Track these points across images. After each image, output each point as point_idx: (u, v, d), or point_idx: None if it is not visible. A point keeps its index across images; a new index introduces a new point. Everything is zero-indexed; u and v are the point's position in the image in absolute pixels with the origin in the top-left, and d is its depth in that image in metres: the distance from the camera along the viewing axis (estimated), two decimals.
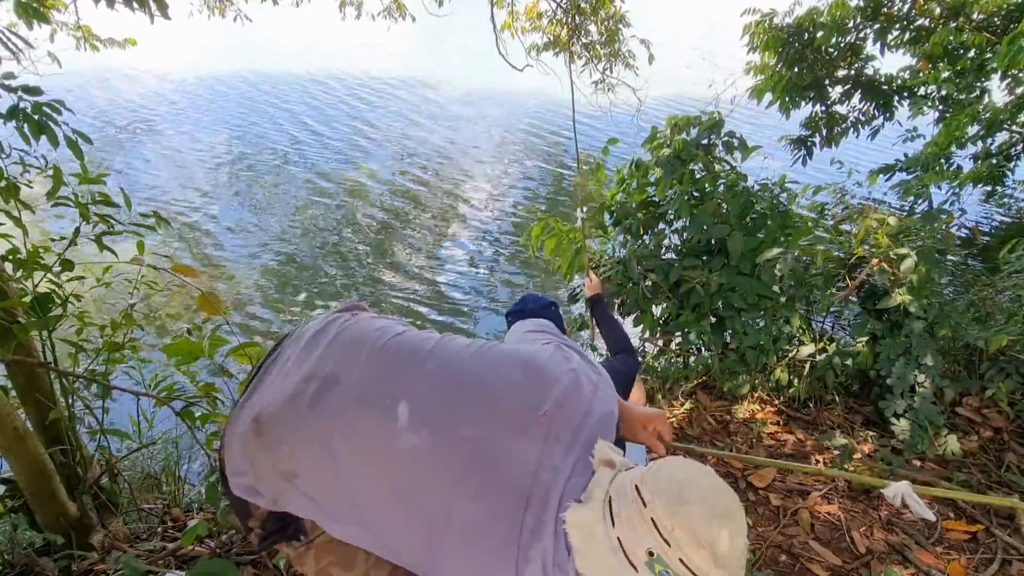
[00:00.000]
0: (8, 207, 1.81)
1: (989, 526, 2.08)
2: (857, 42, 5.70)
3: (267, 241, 6.61)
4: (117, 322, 1.95)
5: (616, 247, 3.08)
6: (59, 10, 4.51)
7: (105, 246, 1.90)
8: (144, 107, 10.89)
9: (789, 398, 2.83)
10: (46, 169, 1.81)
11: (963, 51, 4.90)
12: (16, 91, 1.71)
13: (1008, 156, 5.94)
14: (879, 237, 2.58)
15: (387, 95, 12.57)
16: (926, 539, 2.04)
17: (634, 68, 5.74)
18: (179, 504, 2.37)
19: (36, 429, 1.85)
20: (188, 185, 7.91)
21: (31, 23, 2.41)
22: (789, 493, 2.25)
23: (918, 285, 2.48)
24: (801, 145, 6.48)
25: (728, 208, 2.70)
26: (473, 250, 6.68)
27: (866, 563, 1.91)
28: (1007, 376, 2.62)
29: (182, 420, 1.83)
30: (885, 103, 5.90)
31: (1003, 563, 1.94)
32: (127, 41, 4.92)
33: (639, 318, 2.78)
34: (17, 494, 1.86)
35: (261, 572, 1.74)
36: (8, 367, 1.82)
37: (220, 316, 1.94)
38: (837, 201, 3.06)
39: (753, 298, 2.65)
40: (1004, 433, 2.56)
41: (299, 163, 8.86)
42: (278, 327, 5.13)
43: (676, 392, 2.88)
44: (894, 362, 2.52)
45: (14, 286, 1.78)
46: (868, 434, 2.60)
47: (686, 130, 2.88)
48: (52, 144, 1.76)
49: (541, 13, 5.64)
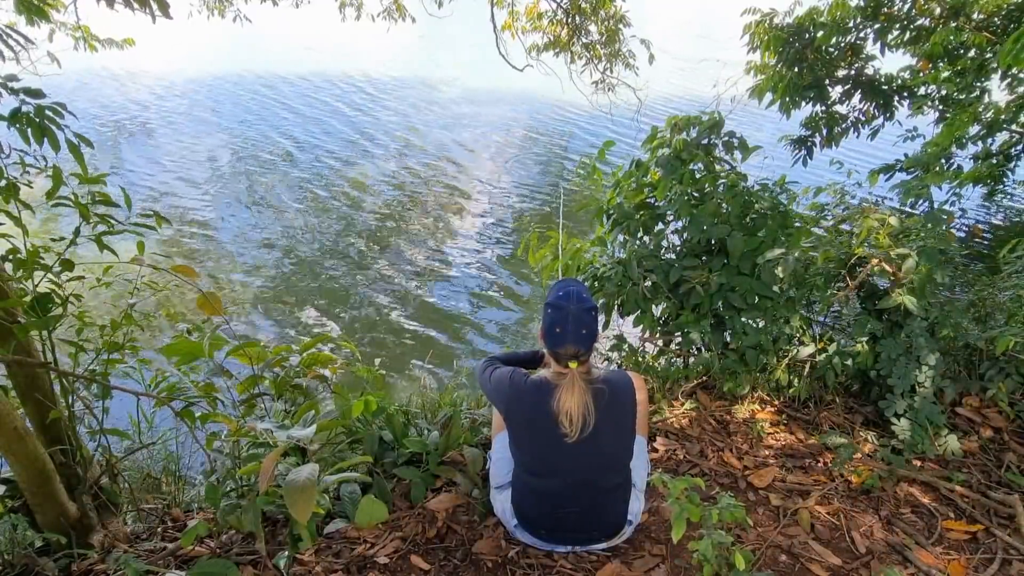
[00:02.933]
0: (8, 207, 1.81)
1: (989, 526, 2.08)
2: (857, 42, 5.71)
3: (267, 241, 6.61)
4: (117, 322, 1.95)
5: (616, 248, 3.08)
6: (58, 10, 4.51)
7: (105, 246, 1.91)
8: (144, 107, 10.90)
9: (789, 398, 2.83)
10: (46, 169, 1.81)
11: (963, 51, 4.90)
12: (18, 93, 1.71)
13: (1008, 156, 5.95)
14: (880, 237, 2.58)
15: (387, 95, 12.57)
16: (926, 539, 2.04)
17: (634, 68, 5.74)
18: (179, 504, 2.37)
19: (36, 429, 1.85)
20: (188, 185, 7.92)
21: (31, 20, 2.41)
22: (789, 493, 2.25)
23: (919, 285, 2.48)
24: (801, 145, 6.49)
25: (728, 208, 2.70)
26: (473, 250, 6.68)
27: (866, 563, 1.91)
28: (1007, 376, 2.62)
29: (182, 420, 1.83)
30: (885, 103, 5.90)
31: (1003, 563, 1.93)
32: (126, 42, 4.93)
33: (639, 318, 2.77)
34: (17, 494, 1.86)
35: (261, 572, 1.74)
36: (8, 367, 1.82)
37: (220, 316, 1.95)
38: (837, 201, 3.06)
39: (753, 298, 2.65)
40: (1004, 433, 2.56)
41: (299, 164, 8.86)
42: (278, 327, 5.13)
43: (676, 392, 2.88)
44: (894, 362, 2.52)
45: (14, 286, 1.78)
46: (868, 434, 2.60)
47: (686, 130, 2.88)
48: (54, 148, 1.76)
49: (541, 13, 5.64)
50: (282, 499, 1.50)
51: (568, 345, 1.73)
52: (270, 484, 1.47)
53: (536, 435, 1.80)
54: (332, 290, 5.76)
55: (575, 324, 1.73)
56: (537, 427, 1.79)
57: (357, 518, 1.96)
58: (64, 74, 4.36)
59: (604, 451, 1.79)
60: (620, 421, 1.80)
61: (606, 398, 1.75)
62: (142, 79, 12.44)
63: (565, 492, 1.80)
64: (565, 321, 1.74)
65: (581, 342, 1.73)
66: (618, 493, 1.86)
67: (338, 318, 5.32)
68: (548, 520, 1.86)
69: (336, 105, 11.71)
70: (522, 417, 1.84)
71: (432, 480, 2.21)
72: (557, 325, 1.75)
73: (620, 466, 1.86)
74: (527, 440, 1.86)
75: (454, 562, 1.86)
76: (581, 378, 1.73)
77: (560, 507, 1.82)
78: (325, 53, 15.52)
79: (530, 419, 1.80)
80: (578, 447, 1.73)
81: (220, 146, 9.36)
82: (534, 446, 1.83)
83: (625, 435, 1.84)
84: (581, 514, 1.83)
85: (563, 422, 1.71)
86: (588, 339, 1.74)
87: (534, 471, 1.85)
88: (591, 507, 1.83)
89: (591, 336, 1.75)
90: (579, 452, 1.75)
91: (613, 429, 1.78)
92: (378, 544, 1.89)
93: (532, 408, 1.79)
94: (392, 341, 5.05)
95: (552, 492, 1.82)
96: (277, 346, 2.25)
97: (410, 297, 5.70)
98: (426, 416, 2.73)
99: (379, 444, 2.29)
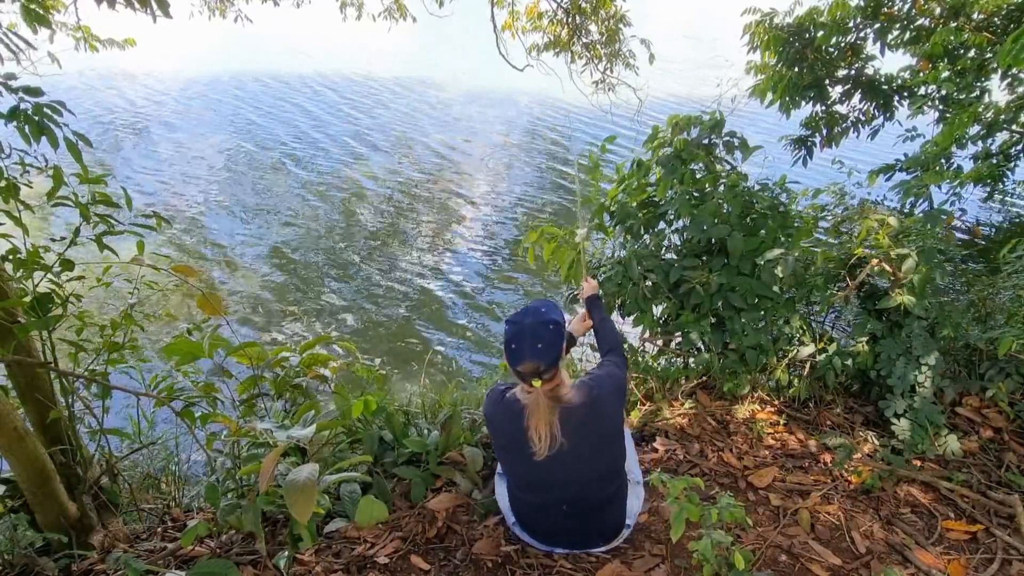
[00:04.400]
0: (8, 207, 1.81)
1: (989, 526, 2.08)
2: (857, 42, 5.70)
3: (267, 240, 6.61)
4: (117, 322, 1.95)
5: (616, 247, 3.08)
6: (59, 11, 4.51)
7: (105, 246, 1.91)
8: (144, 107, 10.90)
9: (789, 398, 2.83)
10: (46, 169, 1.81)
11: (963, 51, 4.90)
12: (17, 92, 1.71)
13: (1008, 156, 5.94)
14: (879, 237, 2.58)
15: (388, 95, 12.58)
16: (926, 539, 2.04)
17: (635, 68, 5.74)
18: (179, 504, 2.37)
19: (36, 429, 1.85)
20: (188, 185, 7.92)
21: (34, 27, 2.42)
22: (789, 493, 2.25)
23: (919, 285, 2.48)
24: (801, 145, 6.48)
25: (728, 208, 2.70)
26: (473, 249, 6.68)
27: (866, 563, 1.91)
28: (1007, 376, 2.62)
29: (182, 420, 1.84)
30: (885, 103, 5.90)
31: (1003, 563, 1.93)
32: (127, 42, 4.93)
33: (639, 318, 2.77)
34: (17, 494, 1.86)
35: (261, 572, 1.74)
36: (8, 367, 1.82)
37: (220, 316, 1.95)
38: (837, 201, 3.06)
39: (753, 298, 2.64)
40: (1004, 433, 2.55)
41: (299, 163, 8.86)
42: (278, 327, 5.13)
43: (676, 392, 2.87)
44: (894, 362, 2.52)
45: (14, 286, 1.78)
46: (868, 434, 2.60)
47: (687, 130, 2.88)
48: (52, 146, 1.76)
49: (541, 13, 5.64)
50: (282, 499, 1.51)
51: (526, 361, 1.64)
52: (270, 484, 1.47)
53: (516, 457, 1.77)
54: (333, 289, 5.76)
55: (531, 338, 1.65)
56: (513, 450, 1.77)
57: (357, 517, 1.96)
58: (65, 74, 4.37)
59: (590, 467, 1.75)
60: (601, 432, 1.75)
61: (579, 416, 1.69)
62: (144, 79, 12.45)
63: (557, 507, 1.79)
64: (520, 336, 1.66)
65: (538, 356, 1.63)
66: (614, 501, 1.84)
67: (338, 318, 5.32)
68: (544, 526, 1.86)
69: (337, 105, 11.71)
70: (499, 439, 1.84)
71: (432, 480, 2.22)
72: (513, 341, 1.67)
73: (611, 475, 1.82)
74: (509, 460, 1.86)
75: (454, 562, 1.86)
76: (547, 397, 1.65)
77: (554, 519, 1.81)
78: (326, 53, 15.52)
79: (506, 442, 1.79)
80: (562, 466, 1.70)
81: (221, 146, 9.36)
82: (518, 466, 1.82)
83: (610, 445, 1.79)
84: (576, 525, 1.82)
85: (532, 439, 1.65)
86: (546, 353, 1.64)
87: (523, 487, 1.84)
88: (586, 518, 1.82)
89: (549, 349, 1.64)
90: (564, 471, 1.72)
91: (595, 443, 1.74)
92: (378, 544, 1.89)
93: (504, 431, 1.77)
94: (392, 341, 5.05)
95: (544, 506, 1.81)
96: (277, 346, 2.25)
97: (411, 297, 5.70)
98: (426, 416, 2.73)
99: (379, 444, 2.29)
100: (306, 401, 2.16)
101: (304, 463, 1.61)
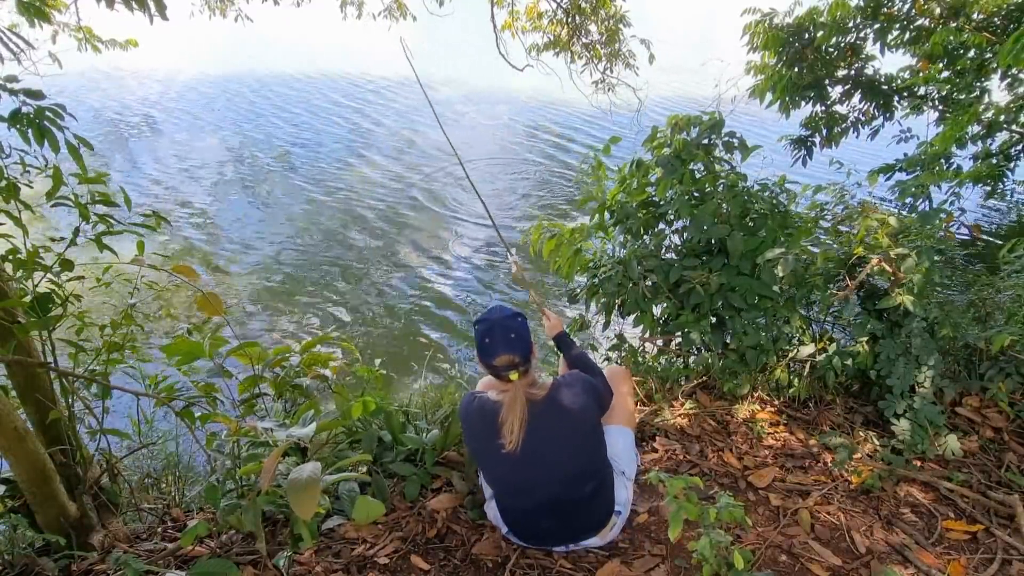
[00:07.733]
0: (8, 207, 1.81)
1: (989, 526, 2.08)
2: (857, 42, 5.70)
3: (267, 240, 6.61)
4: (117, 322, 1.95)
5: (616, 247, 3.08)
6: (60, 11, 4.51)
7: (105, 246, 1.91)
8: (145, 107, 10.90)
9: (789, 398, 2.83)
10: (46, 169, 1.81)
11: (963, 51, 4.90)
12: (18, 94, 1.71)
13: (1008, 156, 5.94)
14: (879, 237, 2.58)
15: (388, 95, 12.58)
16: (926, 539, 2.04)
17: (634, 68, 5.74)
18: (179, 504, 2.37)
19: (36, 429, 1.85)
20: (188, 185, 7.92)
21: (33, 22, 2.42)
22: (789, 493, 2.25)
23: (918, 285, 2.48)
24: (801, 145, 6.48)
25: (728, 208, 2.70)
26: (473, 249, 6.68)
27: (866, 563, 1.91)
28: (1007, 376, 2.62)
29: (182, 420, 1.83)
30: (885, 103, 5.90)
31: (1003, 563, 1.93)
32: (128, 42, 4.94)
33: (639, 318, 2.77)
34: (17, 494, 1.85)
35: (261, 572, 1.74)
36: (8, 367, 1.82)
37: (220, 316, 1.95)
38: (837, 201, 3.06)
39: (753, 298, 2.64)
40: (1004, 433, 2.55)
41: (299, 163, 8.86)
42: (278, 327, 5.13)
43: (676, 392, 2.88)
44: (894, 362, 2.52)
45: (14, 286, 1.78)
46: (868, 434, 2.60)
47: (686, 130, 2.88)
48: (53, 149, 1.76)
49: (541, 13, 5.64)
50: (282, 499, 1.51)
51: (501, 354, 1.70)
52: (271, 484, 1.47)
53: (494, 457, 1.78)
54: (333, 288, 5.76)
55: (502, 331, 1.72)
56: (488, 457, 1.79)
57: (354, 515, 1.95)
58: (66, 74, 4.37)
59: (566, 467, 1.77)
60: (577, 429, 1.77)
61: (554, 412, 1.73)
62: (145, 79, 12.45)
63: (540, 510, 1.80)
64: (492, 331, 1.73)
65: (512, 347, 1.70)
66: (597, 497, 1.85)
67: (338, 318, 5.32)
68: (535, 529, 1.87)
69: (337, 105, 11.71)
70: (473, 443, 1.86)
71: (429, 478, 2.22)
72: (486, 336, 1.74)
73: (591, 472, 1.83)
74: (487, 469, 1.88)
75: (454, 562, 1.86)
76: (523, 392, 1.70)
77: (540, 522, 1.82)
78: (326, 53, 15.52)
79: (482, 444, 1.80)
80: (542, 465, 1.72)
81: (221, 146, 9.37)
82: (495, 472, 1.84)
83: (588, 443, 1.81)
84: (562, 524, 1.83)
85: (504, 434, 1.68)
86: (519, 344, 1.71)
87: (508, 494, 1.85)
88: (571, 517, 1.83)
89: (521, 341, 1.72)
90: (546, 470, 1.74)
91: (571, 438, 1.76)
92: (378, 544, 1.90)
93: (478, 432, 1.79)
94: (393, 341, 5.05)
95: (528, 510, 1.82)
96: (277, 346, 2.26)
97: (411, 297, 5.70)
98: (426, 416, 2.74)
99: (378, 444, 2.29)
100: (306, 401, 2.16)
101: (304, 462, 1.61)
